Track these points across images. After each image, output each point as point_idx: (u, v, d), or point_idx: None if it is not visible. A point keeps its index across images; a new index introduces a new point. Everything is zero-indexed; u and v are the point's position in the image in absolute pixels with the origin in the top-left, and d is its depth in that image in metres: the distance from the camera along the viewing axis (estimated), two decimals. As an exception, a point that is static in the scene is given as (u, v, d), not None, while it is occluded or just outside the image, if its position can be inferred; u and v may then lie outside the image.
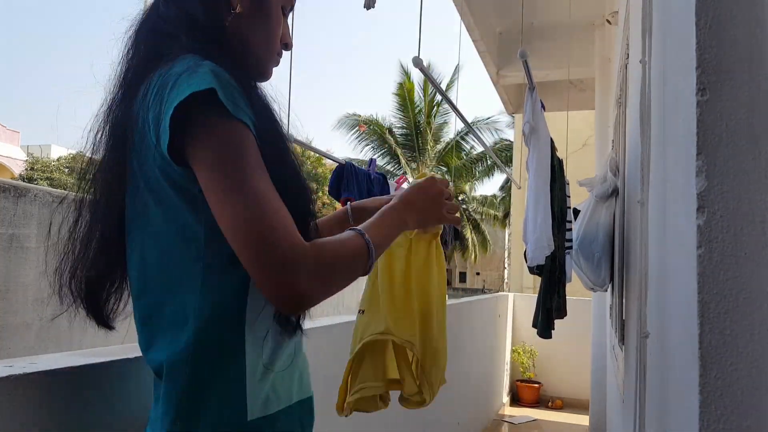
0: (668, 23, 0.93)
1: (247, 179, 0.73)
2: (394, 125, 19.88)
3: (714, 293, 0.65)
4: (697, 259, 0.66)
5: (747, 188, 0.65)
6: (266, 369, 0.82)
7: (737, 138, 0.66)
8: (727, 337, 0.64)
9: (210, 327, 0.78)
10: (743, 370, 0.64)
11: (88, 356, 0.96)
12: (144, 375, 1.03)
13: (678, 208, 0.79)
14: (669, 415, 0.87)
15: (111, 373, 0.96)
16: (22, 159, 21.27)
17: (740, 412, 0.64)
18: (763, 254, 0.64)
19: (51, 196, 3.31)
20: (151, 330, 0.82)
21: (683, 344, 0.73)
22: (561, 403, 5.97)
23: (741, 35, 0.67)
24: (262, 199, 0.73)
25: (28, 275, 3.14)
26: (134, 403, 1.01)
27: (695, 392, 0.65)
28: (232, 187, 0.72)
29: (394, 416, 2.59)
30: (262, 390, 0.81)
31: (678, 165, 0.80)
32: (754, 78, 0.67)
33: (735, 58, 0.67)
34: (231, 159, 0.73)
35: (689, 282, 0.69)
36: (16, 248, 3.07)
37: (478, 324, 4.45)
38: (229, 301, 0.79)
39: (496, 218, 21.91)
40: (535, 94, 1.95)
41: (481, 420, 4.77)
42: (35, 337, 3.15)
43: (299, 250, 0.73)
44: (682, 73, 0.76)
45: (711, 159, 0.67)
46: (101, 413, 0.94)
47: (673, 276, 0.85)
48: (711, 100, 0.67)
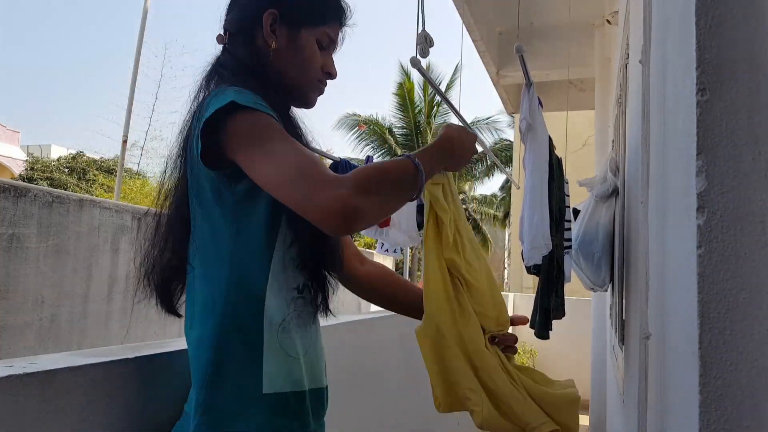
0: (668, 23, 0.93)
1: (281, 141, 0.87)
2: (394, 125, 19.88)
3: (714, 293, 0.65)
4: (697, 259, 0.66)
5: (747, 188, 0.65)
6: (281, 354, 0.94)
7: (737, 138, 0.66)
8: (727, 337, 0.64)
9: (234, 313, 0.93)
10: (743, 370, 0.64)
11: (89, 356, 0.97)
12: (144, 375, 1.03)
13: (678, 208, 0.79)
14: (669, 415, 0.87)
15: (112, 373, 0.97)
16: (22, 159, 21.27)
17: (740, 411, 0.64)
18: (763, 254, 0.64)
19: (51, 196, 3.31)
20: (191, 313, 0.97)
21: (683, 344, 0.73)
22: (561, 403, 5.96)
23: (741, 35, 0.67)
24: (298, 152, 0.86)
25: (28, 275, 3.14)
26: (134, 402, 1.01)
27: (695, 392, 0.65)
28: (268, 150, 0.86)
29: (395, 415, 2.59)
30: (276, 371, 0.93)
31: (678, 165, 0.80)
32: (754, 78, 0.67)
33: (735, 58, 0.67)
34: (260, 131, 0.88)
35: (689, 282, 0.69)
36: (16, 248, 3.07)
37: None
38: (251, 292, 0.93)
39: (496, 218, 21.90)
40: (533, 90, 1.94)
41: (480, 420, 4.76)
42: (35, 337, 3.15)
43: (338, 177, 0.83)
44: (682, 73, 0.76)
45: (711, 159, 0.67)
46: (102, 413, 0.94)
47: (673, 276, 0.85)
48: (711, 100, 0.67)
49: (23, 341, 3.09)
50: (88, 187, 17.50)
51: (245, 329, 0.93)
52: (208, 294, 0.94)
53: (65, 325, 3.32)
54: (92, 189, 16.67)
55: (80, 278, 3.46)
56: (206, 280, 0.95)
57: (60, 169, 19.41)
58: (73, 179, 18.42)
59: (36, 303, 3.17)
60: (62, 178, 18.32)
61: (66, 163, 19.72)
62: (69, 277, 3.38)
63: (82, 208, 3.50)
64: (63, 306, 3.32)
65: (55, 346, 3.23)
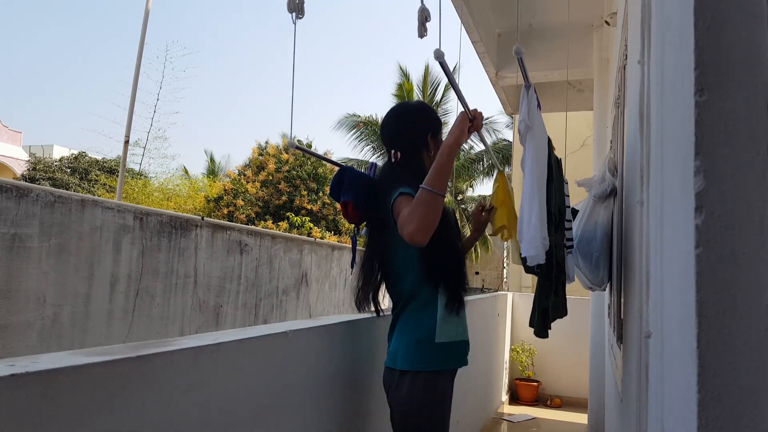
0: (667, 24, 0.94)
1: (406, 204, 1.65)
2: (394, 125, 19.81)
3: (712, 293, 0.66)
4: (695, 259, 0.67)
5: (745, 188, 0.66)
6: (446, 318, 1.75)
7: (736, 138, 0.66)
8: (726, 337, 0.65)
9: (418, 293, 1.76)
10: (741, 369, 0.64)
11: (90, 355, 0.97)
12: (145, 375, 1.03)
13: (676, 207, 0.80)
14: (667, 414, 0.87)
15: (114, 372, 0.97)
16: (24, 159, 21.25)
17: (738, 411, 0.64)
18: (761, 253, 0.65)
19: (53, 196, 3.31)
20: (396, 296, 1.82)
21: (681, 343, 0.74)
22: (560, 402, 5.98)
23: (740, 35, 0.68)
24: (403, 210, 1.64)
25: (31, 274, 3.14)
26: (134, 402, 1.01)
27: (693, 391, 0.65)
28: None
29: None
30: (443, 327, 1.74)
31: (676, 165, 0.80)
32: (752, 78, 0.67)
33: (734, 59, 0.68)
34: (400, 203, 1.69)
35: (687, 281, 0.69)
36: (18, 248, 3.08)
37: (477, 323, 4.45)
38: (426, 284, 1.76)
39: (496, 218, 21.85)
40: (532, 91, 1.94)
41: (480, 418, 4.77)
42: (37, 337, 3.15)
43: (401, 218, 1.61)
44: (681, 73, 0.76)
45: (709, 159, 0.67)
46: (102, 413, 0.95)
47: (671, 275, 0.85)
48: (709, 101, 0.68)
49: (25, 340, 3.09)
50: (90, 187, 17.49)
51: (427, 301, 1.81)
52: (402, 289, 1.84)
53: (67, 324, 3.33)
54: (94, 189, 16.65)
55: (82, 278, 3.46)
56: (402, 280, 1.84)
57: (62, 169, 19.40)
58: (75, 179, 18.41)
59: (38, 302, 3.18)
60: (64, 178, 18.32)
61: (68, 163, 19.71)
62: (71, 277, 3.38)
63: (84, 208, 3.50)
64: (65, 305, 3.32)
65: (57, 345, 3.23)
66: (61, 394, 0.88)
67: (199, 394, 1.16)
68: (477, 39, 4.82)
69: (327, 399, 1.71)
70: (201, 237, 4.60)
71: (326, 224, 13.17)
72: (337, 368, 1.77)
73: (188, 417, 1.13)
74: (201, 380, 1.16)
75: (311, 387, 1.62)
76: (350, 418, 1.83)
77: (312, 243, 6.48)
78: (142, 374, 1.02)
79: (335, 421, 1.75)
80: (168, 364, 1.09)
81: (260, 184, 13.41)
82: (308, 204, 13.09)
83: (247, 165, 14.50)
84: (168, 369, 1.09)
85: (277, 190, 13.30)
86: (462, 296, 1.79)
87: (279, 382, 1.45)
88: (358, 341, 1.90)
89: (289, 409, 1.50)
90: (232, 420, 1.26)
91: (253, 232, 5.40)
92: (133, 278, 3.88)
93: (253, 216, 12.87)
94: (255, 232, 5.43)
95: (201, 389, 1.16)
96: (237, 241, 5.06)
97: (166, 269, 4.20)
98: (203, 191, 14.67)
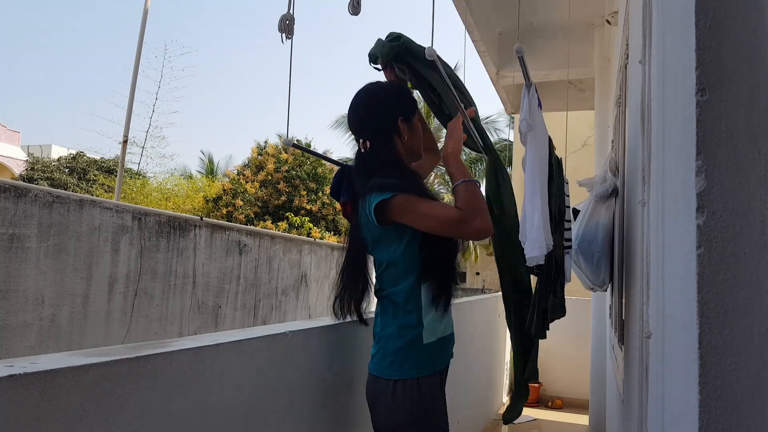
0: (668, 23, 0.93)
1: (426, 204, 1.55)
2: (394, 125, 19.82)
3: (713, 293, 0.65)
4: (696, 259, 0.66)
5: (746, 188, 0.65)
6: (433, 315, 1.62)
7: (737, 138, 0.66)
8: (727, 337, 0.64)
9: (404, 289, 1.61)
10: (742, 369, 0.64)
11: (89, 356, 0.96)
12: (143, 376, 1.03)
13: (678, 207, 0.79)
14: (669, 414, 0.87)
15: (112, 373, 0.97)
16: (22, 159, 21.25)
17: (739, 411, 0.64)
18: (763, 254, 0.64)
19: (51, 196, 3.31)
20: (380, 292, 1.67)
21: (683, 344, 0.73)
22: (561, 403, 5.97)
23: (741, 35, 0.67)
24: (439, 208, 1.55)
25: (29, 275, 3.14)
26: (133, 403, 1.01)
27: (695, 392, 0.65)
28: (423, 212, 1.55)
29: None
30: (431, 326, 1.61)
31: (677, 165, 0.80)
32: (753, 78, 0.67)
33: (735, 58, 0.67)
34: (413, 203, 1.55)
35: (689, 282, 0.69)
36: (16, 248, 3.07)
37: (478, 323, 4.45)
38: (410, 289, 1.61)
39: (496, 218, 21.86)
40: (533, 90, 1.94)
41: (480, 419, 4.77)
42: (35, 337, 3.15)
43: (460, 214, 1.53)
44: (682, 73, 0.76)
45: (710, 159, 0.67)
46: (101, 414, 0.94)
47: (672, 276, 0.85)
48: (710, 101, 0.67)
49: (24, 341, 3.09)
50: (89, 187, 17.49)
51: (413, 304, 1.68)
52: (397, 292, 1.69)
53: (65, 324, 3.32)
54: (93, 189, 16.65)
55: (80, 278, 3.46)
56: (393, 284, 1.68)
57: (60, 169, 19.39)
58: (73, 179, 18.41)
59: (36, 303, 3.17)
60: (62, 178, 18.31)
61: (66, 163, 19.70)
62: (69, 277, 3.38)
63: (83, 208, 3.50)
64: (63, 306, 3.32)
65: (55, 346, 3.23)
66: (59, 395, 0.87)
67: (197, 395, 1.15)
68: (477, 38, 4.82)
69: (327, 400, 1.70)
70: (200, 237, 4.60)
71: (326, 224, 13.18)
72: (338, 369, 1.76)
73: (187, 418, 1.13)
74: (200, 381, 1.16)
75: (311, 388, 1.61)
76: (350, 418, 1.83)
77: (311, 243, 6.48)
78: (140, 375, 1.02)
79: (335, 421, 1.75)
80: (167, 365, 1.08)
81: (259, 184, 13.42)
82: (307, 204, 13.10)
83: (246, 165, 14.50)
84: (166, 370, 1.08)
85: (276, 190, 13.30)
86: (451, 291, 1.66)
87: (279, 383, 1.45)
88: (358, 342, 1.90)
89: (288, 409, 1.49)
90: (231, 420, 1.26)
91: (252, 232, 5.40)
92: (132, 279, 3.88)
93: (252, 216, 12.88)
94: (254, 232, 5.43)
95: (200, 390, 1.16)
96: (236, 242, 5.06)
97: (165, 270, 4.20)
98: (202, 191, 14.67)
